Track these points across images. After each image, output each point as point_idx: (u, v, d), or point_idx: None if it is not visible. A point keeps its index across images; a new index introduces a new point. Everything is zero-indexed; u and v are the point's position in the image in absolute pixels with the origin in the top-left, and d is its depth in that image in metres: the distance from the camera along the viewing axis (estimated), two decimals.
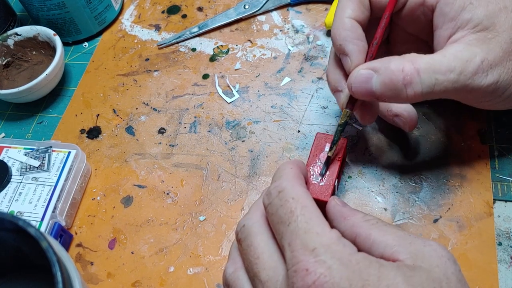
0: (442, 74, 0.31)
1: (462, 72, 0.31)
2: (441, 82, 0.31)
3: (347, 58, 0.35)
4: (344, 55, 0.35)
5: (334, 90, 0.37)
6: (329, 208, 0.32)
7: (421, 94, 0.32)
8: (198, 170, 0.44)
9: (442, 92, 0.32)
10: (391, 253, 0.27)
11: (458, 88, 0.32)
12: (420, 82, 0.31)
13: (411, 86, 0.32)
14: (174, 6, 0.58)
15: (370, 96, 0.33)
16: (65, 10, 0.52)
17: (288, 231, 0.27)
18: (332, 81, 0.37)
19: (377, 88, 0.33)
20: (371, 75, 0.33)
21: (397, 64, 0.32)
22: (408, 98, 0.32)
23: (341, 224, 0.30)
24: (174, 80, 0.51)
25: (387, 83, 0.32)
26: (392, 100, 0.34)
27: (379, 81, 0.32)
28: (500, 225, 0.37)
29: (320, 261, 0.25)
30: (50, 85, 0.50)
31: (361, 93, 0.34)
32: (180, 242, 0.40)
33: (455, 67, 0.31)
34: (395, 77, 0.32)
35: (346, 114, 0.36)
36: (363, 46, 0.35)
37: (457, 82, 0.31)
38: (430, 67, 0.31)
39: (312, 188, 0.36)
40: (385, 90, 0.32)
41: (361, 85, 0.33)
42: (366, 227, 0.28)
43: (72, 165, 0.43)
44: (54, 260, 0.24)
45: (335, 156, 0.37)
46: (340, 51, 0.35)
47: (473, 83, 0.32)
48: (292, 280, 0.25)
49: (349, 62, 0.35)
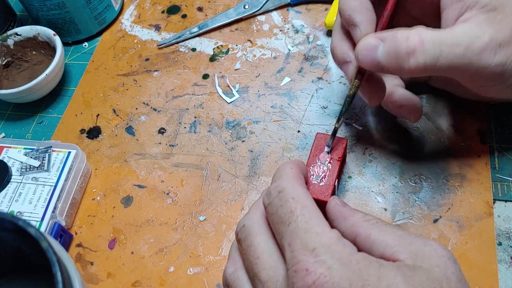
0: (448, 46, 0.31)
1: (469, 47, 0.31)
2: (446, 54, 0.31)
3: (356, 28, 0.35)
4: (353, 25, 0.35)
5: (342, 61, 0.37)
6: (329, 208, 0.32)
7: (423, 66, 0.31)
8: (198, 170, 0.44)
9: (446, 68, 0.32)
10: (391, 253, 0.27)
11: (463, 65, 0.31)
12: (424, 53, 0.31)
13: (414, 56, 0.31)
14: (174, 6, 0.58)
15: (376, 66, 0.33)
16: (65, 10, 0.52)
17: (288, 231, 0.27)
18: (339, 53, 0.37)
19: (382, 57, 0.33)
20: (378, 44, 0.33)
21: (403, 33, 0.32)
22: (410, 70, 0.32)
23: (341, 224, 0.30)
24: (174, 80, 0.51)
25: (392, 52, 0.32)
26: (395, 72, 0.33)
27: (385, 50, 0.32)
28: (500, 225, 0.37)
29: (320, 261, 0.25)
30: (50, 85, 0.50)
31: (367, 62, 0.33)
32: (180, 242, 0.40)
33: (462, 41, 0.31)
34: (400, 45, 0.31)
35: (355, 84, 0.36)
36: (372, 16, 0.35)
37: (463, 58, 0.31)
38: (437, 39, 0.31)
39: (312, 188, 0.36)
40: (389, 59, 0.32)
41: (368, 53, 0.33)
42: (366, 227, 0.28)
43: (72, 165, 0.43)
44: (54, 260, 0.24)
45: (335, 156, 0.37)
46: (349, 22, 0.35)
47: (480, 62, 0.31)
48: (292, 280, 0.25)
49: (358, 32, 0.35)
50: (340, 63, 0.37)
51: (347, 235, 0.29)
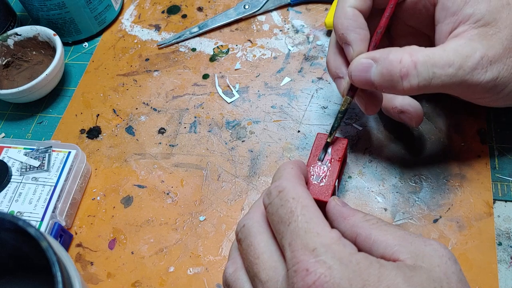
0: (440, 68, 0.31)
1: (461, 67, 0.31)
2: (439, 76, 0.31)
3: (349, 47, 0.35)
4: (346, 44, 0.35)
5: (335, 76, 0.38)
6: (329, 209, 0.32)
7: (417, 87, 0.32)
8: (198, 170, 0.44)
9: (439, 86, 0.32)
10: (391, 253, 0.27)
11: (456, 83, 0.32)
12: (417, 75, 0.31)
13: (407, 78, 0.31)
14: (174, 6, 0.58)
15: (369, 85, 0.34)
16: (65, 10, 0.52)
17: (288, 231, 0.27)
18: (333, 68, 0.37)
19: (375, 78, 0.33)
20: (371, 65, 0.33)
21: (396, 55, 0.32)
22: (404, 90, 0.32)
23: (342, 224, 0.30)
24: (174, 80, 0.51)
25: (385, 74, 0.32)
26: (389, 91, 0.34)
27: (378, 71, 0.33)
28: (500, 225, 0.37)
29: (320, 261, 0.25)
30: (50, 85, 0.50)
31: (360, 82, 0.34)
32: (180, 242, 0.40)
33: (454, 62, 0.31)
34: (393, 68, 0.32)
35: (347, 101, 0.36)
36: (365, 35, 0.35)
37: (455, 77, 0.31)
38: (429, 60, 0.31)
39: (313, 188, 0.36)
40: (382, 80, 0.33)
41: (361, 74, 0.34)
42: (367, 227, 0.28)
43: (72, 165, 0.43)
44: (54, 260, 0.24)
45: (336, 156, 0.37)
46: (342, 40, 0.36)
47: (472, 79, 0.32)
48: (292, 280, 0.25)
49: (351, 51, 0.35)
50: (333, 78, 0.38)
51: (347, 235, 0.29)
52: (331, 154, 0.37)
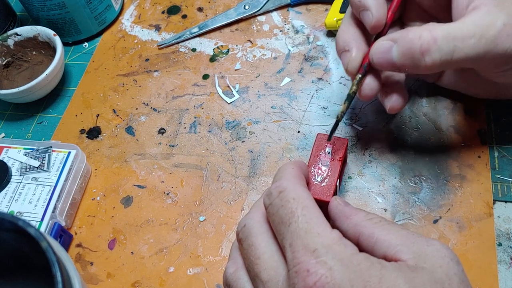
0: (461, 40, 0.31)
1: (482, 37, 0.31)
2: (461, 48, 0.31)
3: (368, 13, 0.35)
4: (364, 10, 0.35)
5: (342, 50, 0.37)
6: (331, 208, 0.32)
7: (439, 62, 0.31)
8: (198, 171, 0.44)
9: (463, 60, 0.31)
10: (393, 253, 0.26)
11: (480, 55, 0.31)
12: (438, 50, 0.31)
13: (429, 54, 0.31)
14: (174, 6, 0.58)
15: (391, 66, 0.34)
16: (65, 10, 0.52)
17: (289, 232, 0.27)
18: (341, 41, 0.37)
19: (397, 58, 0.33)
20: (391, 45, 0.33)
21: (415, 33, 0.32)
22: (427, 67, 0.32)
23: (344, 223, 0.30)
24: (174, 80, 0.51)
25: (406, 53, 0.32)
26: (412, 70, 0.33)
27: (398, 51, 0.33)
28: (500, 225, 0.37)
29: (321, 262, 0.25)
30: (50, 85, 0.50)
31: (382, 64, 0.34)
32: (180, 242, 0.40)
33: (475, 33, 0.31)
34: (413, 45, 0.32)
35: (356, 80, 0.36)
36: (382, 0, 0.35)
37: (478, 48, 0.31)
38: (449, 34, 0.31)
39: (314, 188, 0.36)
40: (404, 59, 0.32)
41: (382, 55, 0.34)
42: (369, 226, 0.28)
43: (72, 165, 0.43)
44: (53, 260, 0.24)
45: (336, 156, 0.37)
46: (360, 7, 0.35)
47: (497, 48, 0.31)
48: (293, 281, 0.25)
49: (370, 16, 0.35)
50: (340, 52, 0.38)
51: (350, 234, 0.29)
52: (331, 154, 0.37)
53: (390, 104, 0.37)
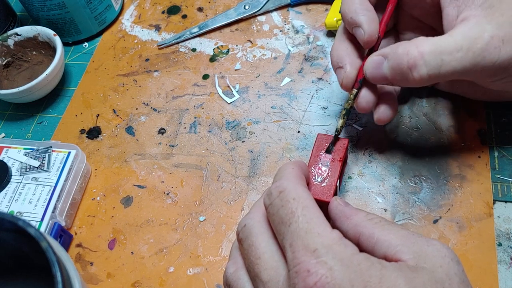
0: (448, 54, 0.31)
1: (469, 50, 0.31)
2: (448, 62, 0.31)
3: (359, 29, 0.36)
4: (356, 27, 0.36)
5: (336, 66, 0.38)
6: (331, 208, 0.32)
7: (427, 76, 0.32)
8: (198, 171, 0.44)
9: (451, 73, 0.32)
10: (394, 253, 0.26)
11: (468, 67, 0.31)
12: (425, 65, 0.31)
13: (416, 69, 0.32)
14: (174, 6, 0.58)
15: (383, 80, 0.34)
16: (65, 11, 0.52)
17: (289, 232, 0.27)
18: (335, 57, 0.38)
19: (387, 72, 0.34)
20: (382, 61, 0.34)
21: (404, 48, 0.32)
22: (416, 81, 0.32)
23: (344, 224, 0.30)
24: (174, 80, 0.51)
25: (395, 67, 0.33)
26: (402, 84, 0.34)
27: (389, 66, 0.33)
28: (500, 225, 0.37)
29: (321, 262, 0.25)
30: (50, 85, 0.50)
31: (375, 78, 0.35)
32: (180, 242, 0.40)
33: (462, 46, 0.31)
34: (401, 61, 0.32)
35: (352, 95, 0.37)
36: (373, 16, 0.36)
37: (465, 61, 0.31)
38: (436, 49, 0.31)
39: (314, 188, 0.36)
40: (394, 74, 0.33)
41: (374, 70, 0.35)
42: (369, 226, 0.28)
43: (72, 165, 0.43)
44: (53, 260, 0.24)
45: (336, 156, 0.37)
46: (352, 24, 0.36)
47: (485, 60, 0.31)
48: (293, 281, 0.25)
49: (362, 32, 0.35)
50: (334, 68, 0.38)
51: (350, 234, 0.29)
52: (332, 154, 0.37)
53: (378, 115, 0.38)
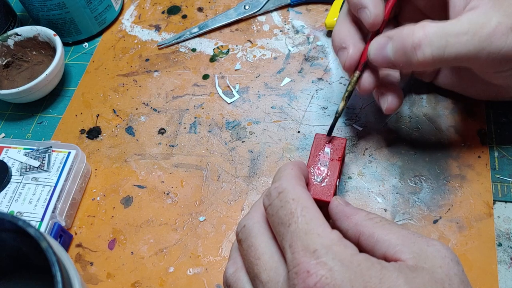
0: (454, 36, 0.31)
1: (476, 34, 0.31)
2: (453, 44, 0.31)
3: (365, 10, 0.35)
4: (362, 8, 0.36)
5: (338, 48, 0.38)
6: (332, 208, 0.32)
7: (431, 57, 0.32)
8: (198, 171, 0.44)
9: (454, 57, 0.32)
10: (394, 252, 0.26)
11: (472, 52, 0.31)
12: (429, 45, 0.31)
13: (420, 49, 0.32)
14: (174, 6, 0.58)
15: (387, 62, 0.34)
16: (65, 11, 0.52)
17: (288, 233, 0.27)
18: (337, 39, 0.38)
19: (391, 54, 0.34)
20: (387, 42, 0.34)
21: (409, 29, 0.32)
22: (419, 62, 0.32)
23: (344, 223, 0.30)
24: (174, 80, 0.51)
25: (399, 48, 0.33)
26: (406, 67, 0.34)
27: (393, 47, 0.33)
28: (500, 226, 0.37)
29: (321, 262, 0.25)
30: (50, 85, 0.50)
31: (379, 60, 0.35)
32: (180, 242, 0.40)
33: (468, 29, 0.31)
34: (406, 41, 0.32)
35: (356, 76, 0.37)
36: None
37: (471, 44, 0.31)
38: (442, 30, 0.31)
39: (314, 188, 0.36)
40: (398, 55, 0.33)
41: (378, 52, 0.34)
42: (370, 226, 0.28)
43: (72, 166, 0.43)
44: (53, 260, 0.24)
45: (335, 156, 0.37)
46: (357, 5, 0.36)
47: (491, 46, 0.31)
48: (293, 282, 0.25)
49: (367, 13, 0.35)
50: (336, 49, 0.38)
51: (350, 234, 0.29)
52: (330, 154, 0.37)
53: (387, 105, 0.38)
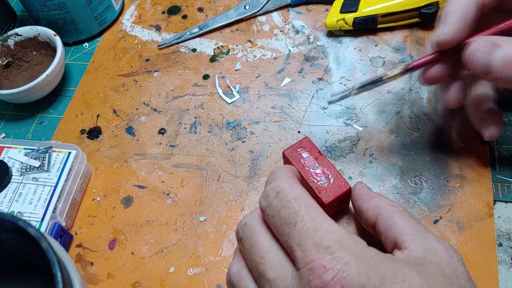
0: None
1: None
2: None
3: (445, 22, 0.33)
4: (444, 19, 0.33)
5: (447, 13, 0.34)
6: (357, 189, 0.33)
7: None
8: (198, 171, 0.44)
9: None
10: (404, 239, 0.28)
11: None
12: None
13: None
14: (174, 6, 0.58)
15: (486, 70, 0.31)
16: (65, 11, 0.52)
17: (295, 232, 0.27)
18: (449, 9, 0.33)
19: (497, 62, 0.30)
20: (494, 48, 0.30)
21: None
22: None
23: (367, 203, 0.31)
24: (174, 80, 0.51)
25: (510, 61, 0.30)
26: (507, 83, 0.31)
27: (502, 56, 0.30)
28: (500, 226, 0.37)
29: (336, 257, 0.25)
30: (51, 85, 0.50)
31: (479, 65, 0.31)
32: (180, 242, 0.40)
33: None
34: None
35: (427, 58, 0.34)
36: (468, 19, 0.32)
37: None
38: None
39: (328, 189, 0.35)
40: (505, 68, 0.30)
41: (483, 55, 0.31)
42: (391, 210, 0.30)
43: (72, 166, 0.43)
44: (54, 261, 0.24)
45: (315, 153, 0.37)
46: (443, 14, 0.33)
47: None
48: (307, 278, 0.25)
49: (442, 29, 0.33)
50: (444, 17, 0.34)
51: (370, 214, 0.30)
52: (310, 155, 0.37)
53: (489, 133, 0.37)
